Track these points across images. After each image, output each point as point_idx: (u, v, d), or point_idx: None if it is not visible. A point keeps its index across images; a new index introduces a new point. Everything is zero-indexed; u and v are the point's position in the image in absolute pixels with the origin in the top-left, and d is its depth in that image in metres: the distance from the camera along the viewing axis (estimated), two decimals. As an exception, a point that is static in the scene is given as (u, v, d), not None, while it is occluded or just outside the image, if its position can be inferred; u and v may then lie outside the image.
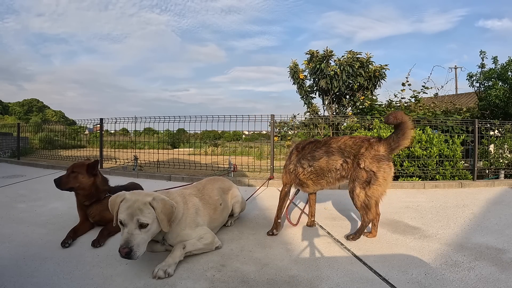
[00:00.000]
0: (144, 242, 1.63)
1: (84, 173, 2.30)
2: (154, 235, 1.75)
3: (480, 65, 8.10)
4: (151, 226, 1.65)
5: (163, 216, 1.68)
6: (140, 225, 1.62)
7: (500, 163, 5.52)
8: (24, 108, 46.93)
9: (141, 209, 1.63)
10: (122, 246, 1.55)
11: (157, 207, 1.67)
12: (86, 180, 2.30)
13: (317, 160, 2.34)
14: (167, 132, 8.05)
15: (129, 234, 1.59)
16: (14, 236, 2.23)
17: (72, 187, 2.28)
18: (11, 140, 10.06)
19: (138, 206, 1.64)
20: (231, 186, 2.62)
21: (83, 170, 2.31)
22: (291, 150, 2.60)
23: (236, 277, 1.65)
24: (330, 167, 2.31)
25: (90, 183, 2.32)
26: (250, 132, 6.50)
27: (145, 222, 1.62)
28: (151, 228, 1.65)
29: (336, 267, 1.78)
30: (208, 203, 2.18)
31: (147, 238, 1.66)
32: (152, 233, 1.69)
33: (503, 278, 1.64)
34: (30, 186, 4.39)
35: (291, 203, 2.90)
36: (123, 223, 1.62)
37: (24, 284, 1.54)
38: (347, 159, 2.27)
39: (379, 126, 5.17)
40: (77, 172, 2.30)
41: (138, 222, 1.61)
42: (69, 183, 2.27)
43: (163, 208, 1.70)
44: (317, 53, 6.31)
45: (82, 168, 2.32)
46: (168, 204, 1.74)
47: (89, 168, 2.32)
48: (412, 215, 2.97)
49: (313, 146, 2.43)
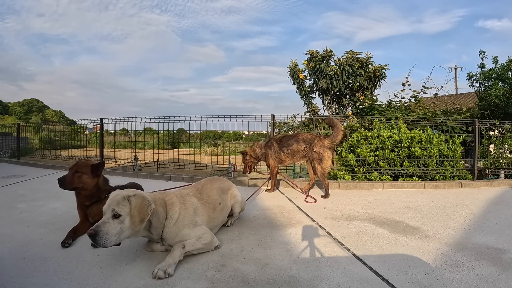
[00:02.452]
0: (115, 232, 1.63)
1: (89, 173, 2.27)
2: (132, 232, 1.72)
3: (480, 65, 8.09)
4: (124, 218, 1.67)
5: (135, 212, 1.70)
6: (114, 215, 1.66)
7: (500, 163, 5.51)
8: (24, 108, 46.92)
9: (118, 201, 1.68)
10: (90, 228, 1.61)
11: (133, 202, 1.71)
12: (90, 180, 2.28)
13: (291, 146, 3.92)
14: (167, 132, 8.04)
15: (102, 221, 1.64)
16: (14, 236, 2.23)
17: (76, 187, 2.26)
18: (11, 140, 10.06)
19: (117, 198, 1.69)
20: (231, 186, 2.62)
21: (88, 171, 2.28)
22: (272, 143, 4.03)
23: (236, 277, 1.65)
24: (298, 150, 3.90)
25: (93, 183, 2.30)
26: (250, 132, 6.49)
27: (118, 212, 1.66)
28: (124, 220, 1.67)
29: (336, 267, 1.78)
30: (207, 203, 2.18)
31: (119, 230, 1.65)
32: (127, 227, 1.68)
33: (503, 278, 1.64)
34: (30, 186, 4.39)
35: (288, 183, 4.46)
36: (103, 212, 1.69)
37: (24, 284, 1.54)
38: (307, 145, 3.85)
39: (379, 126, 5.17)
40: (81, 172, 2.27)
41: (113, 212, 1.66)
42: (74, 183, 2.25)
43: (139, 205, 1.72)
44: (317, 53, 6.31)
45: (87, 168, 2.28)
46: (145, 203, 1.74)
47: (93, 169, 2.30)
48: (412, 215, 2.97)
49: (287, 139, 4.00)
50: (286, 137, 4.03)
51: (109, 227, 1.63)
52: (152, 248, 1.97)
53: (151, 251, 1.97)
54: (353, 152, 5.13)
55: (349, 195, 3.98)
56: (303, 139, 3.88)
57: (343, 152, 5.17)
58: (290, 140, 3.94)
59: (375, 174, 4.89)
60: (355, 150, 5.10)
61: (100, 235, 1.59)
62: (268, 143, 4.07)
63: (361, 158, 4.97)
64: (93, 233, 1.59)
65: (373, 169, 4.92)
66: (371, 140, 5.06)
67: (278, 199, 3.70)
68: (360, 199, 3.73)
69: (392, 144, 4.92)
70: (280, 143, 3.97)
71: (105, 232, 1.61)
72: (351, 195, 3.98)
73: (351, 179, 4.90)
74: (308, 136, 3.92)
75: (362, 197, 3.83)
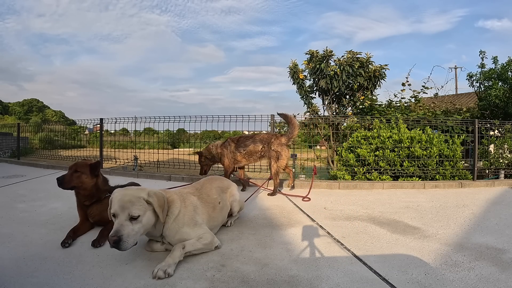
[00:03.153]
0: (133, 233, 1.64)
1: (87, 173, 2.30)
2: (146, 230, 1.76)
3: (480, 65, 8.09)
4: (142, 218, 1.68)
5: (159, 209, 1.74)
6: (132, 217, 1.65)
7: (500, 163, 5.51)
8: (24, 108, 46.92)
9: (132, 202, 1.66)
10: (111, 234, 1.58)
11: (155, 199, 1.74)
12: (88, 180, 2.30)
13: (248, 146, 3.96)
14: (167, 132, 8.05)
15: (120, 225, 1.61)
16: (14, 236, 2.23)
17: (75, 186, 2.28)
18: (11, 140, 10.06)
19: (130, 199, 1.67)
20: (230, 184, 2.62)
21: (86, 170, 2.31)
22: (229, 143, 4.05)
23: (236, 277, 1.65)
24: (255, 150, 3.96)
25: (92, 183, 2.32)
26: (250, 132, 6.50)
27: (135, 214, 1.65)
28: (142, 220, 1.68)
29: (336, 267, 1.78)
30: (207, 202, 2.18)
31: (137, 231, 1.66)
32: (143, 225, 1.70)
33: (503, 278, 1.64)
34: (30, 186, 4.39)
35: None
36: (115, 215, 1.66)
37: (24, 284, 1.54)
38: (264, 145, 3.92)
39: (379, 126, 5.17)
40: (80, 172, 2.29)
41: (129, 215, 1.64)
42: (72, 182, 2.27)
43: (160, 199, 1.77)
44: (317, 53, 6.30)
45: (86, 168, 2.32)
46: (161, 195, 1.81)
47: (92, 168, 2.33)
48: (412, 215, 2.97)
49: (244, 139, 4.05)
50: (243, 138, 4.11)
51: (129, 230, 1.62)
52: (152, 248, 1.97)
53: (151, 250, 1.96)
54: (353, 152, 5.13)
55: (349, 195, 3.98)
56: (260, 139, 3.96)
57: (343, 152, 5.18)
58: (247, 141, 3.99)
59: (375, 174, 4.89)
60: (355, 150, 5.10)
61: (123, 240, 1.58)
62: (225, 143, 4.09)
63: (361, 158, 4.97)
64: (117, 239, 1.56)
65: (373, 169, 4.92)
66: (371, 140, 5.06)
67: (278, 199, 3.70)
68: (360, 199, 3.73)
69: (392, 144, 4.92)
70: (237, 143, 4.01)
71: (126, 235, 1.60)
72: (351, 195, 3.98)
73: (351, 179, 4.90)
74: (265, 136, 4.04)
75: (362, 197, 3.83)
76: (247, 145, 3.95)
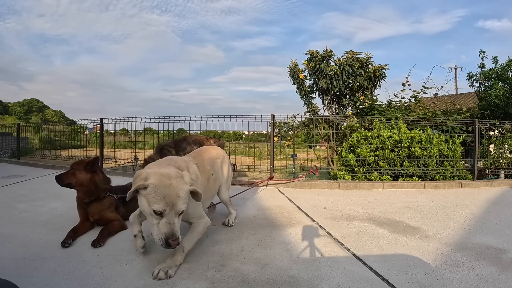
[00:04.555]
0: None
1: (82, 169, 2.39)
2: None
3: (480, 65, 8.07)
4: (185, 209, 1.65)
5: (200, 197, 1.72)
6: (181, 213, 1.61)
7: (500, 163, 5.51)
8: (24, 108, 46.92)
9: (182, 198, 1.59)
10: (171, 238, 1.51)
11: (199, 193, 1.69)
12: (83, 176, 2.37)
13: (186, 149, 3.93)
14: (167, 132, 8.04)
15: (173, 225, 1.55)
16: (14, 236, 2.23)
17: (70, 183, 2.36)
18: (11, 140, 10.05)
19: (179, 194, 1.58)
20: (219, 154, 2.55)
21: (81, 167, 2.40)
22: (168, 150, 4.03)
23: (236, 277, 1.65)
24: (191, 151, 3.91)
25: (87, 179, 2.38)
26: (250, 132, 6.50)
27: (184, 209, 1.61)
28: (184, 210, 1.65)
29: (336, 267, 1.78)
30: (203, 172, 2.14)
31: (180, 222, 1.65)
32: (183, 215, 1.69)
33: (503, 278, 1.64)
34: (30, 186, 4.39)
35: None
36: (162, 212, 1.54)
37: (24, 284, 1.54)
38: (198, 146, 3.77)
39: (379, 126, 5.17)
40: (75, 169, 2.39)
41: (179, 211, 1.59)
42: (67, 179, 2.36)
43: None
44: (317, 53, 6.29)
45: (80, 165, 2.42)
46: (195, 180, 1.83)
47: (87, 165, 2.41)
48: (412, 215, 2.97)
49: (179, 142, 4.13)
50: (178, 141, 4.18)
51: (179, 226, 1.60)
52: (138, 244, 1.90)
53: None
54: (353, 152, 5.13)
55: (349, 195, 3.98)
56: (193, 141, 4.08)
57: (343, 152, 5.18)
58: (182, 144, 4.08)
59: (375, 174, 4.89)
60: (355, 150, 5.09)
61: (180, 239, 1.57)
62: (164, 151, 4.02)
63: (361, 158, 4.97)
64: (178, 242, 1.55)
65: (373, 169, 4.92)
66: (371, 140, 5.06)
67: (278, 199, 3.70)
68: (360, 199, 3.73)
69: (392, 144, 4.92)
70: (176, 148, 4.06)
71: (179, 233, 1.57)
72: (351, 195, 3.98)
73: (351, 179, 4.90)
74: (197, 137, 4.22)
75: (362, 197, 3.83)
76: (185, 148, 3.99)
